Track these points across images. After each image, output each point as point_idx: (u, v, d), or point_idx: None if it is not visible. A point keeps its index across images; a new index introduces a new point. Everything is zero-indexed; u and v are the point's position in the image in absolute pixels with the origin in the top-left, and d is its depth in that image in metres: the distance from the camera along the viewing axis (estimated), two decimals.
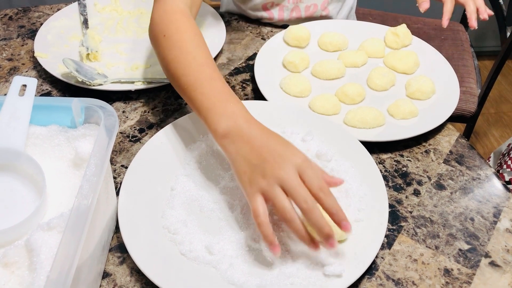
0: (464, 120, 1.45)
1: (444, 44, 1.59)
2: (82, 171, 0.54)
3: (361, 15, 1.69)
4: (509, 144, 1.17)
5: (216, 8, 1.01)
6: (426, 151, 0.74)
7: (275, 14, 1.00)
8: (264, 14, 1.00)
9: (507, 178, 1.11)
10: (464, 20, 1.74)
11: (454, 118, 1.43)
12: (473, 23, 0.80)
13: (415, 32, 1.58)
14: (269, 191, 0.53)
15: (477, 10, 0.80)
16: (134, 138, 0.75)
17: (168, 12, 0.70)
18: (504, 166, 1.11)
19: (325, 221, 0.52)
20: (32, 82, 0.56)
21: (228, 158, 0.59)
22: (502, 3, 1.46)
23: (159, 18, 0.70)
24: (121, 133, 0.76)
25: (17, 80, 0.56)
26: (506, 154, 1.14)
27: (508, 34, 1.35)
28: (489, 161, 1.27)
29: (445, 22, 0.80)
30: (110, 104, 0.81)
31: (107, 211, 0.58)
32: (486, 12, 0.81)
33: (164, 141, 0.69)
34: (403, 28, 0.90)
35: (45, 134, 0.56)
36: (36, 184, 0.53)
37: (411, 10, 1.88)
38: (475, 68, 1.57)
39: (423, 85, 0.80)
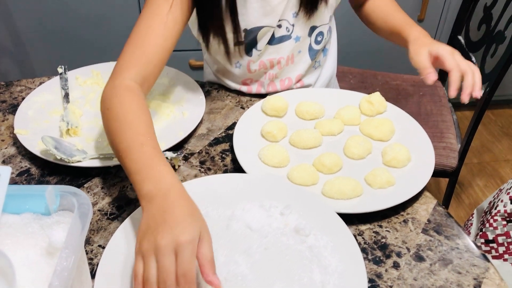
0: (446, 175, 1.47)
1: (423, 100, 1.63)
2: (56, 260, 0.53)
3: (341, 74, 1.74)
4: (490, 202, 1.18)
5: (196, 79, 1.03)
6: (404, 221, 0.75)
7: (253, 88, 1.03)
8: (243, 87, 1.03)
9: (490, 237, 1.12)
10: (441, 76, 1.79)
11: (436, 173, 1.44)
12: (465, 97, 0.79)
13: (394, 88, 1.62)
14: (146, 256, 0.55)
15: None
16: (112, 216, 0.74)
17: (116, 87, 0.75)
18: (487, 225, 1.12)
19: None
20: (5, 171, 0.56)
21: (142, 216, 0.61)
22: (475, 61, 1.51)
23: (107, 93, 0.75)
24: (99, 210, 0.75)
25: None
26: (488, 212, 1.15)
27: (483, 91, 1.39)
28: (472, 218, 1.28)
29: (452, 91, 0.78)
30: (89, 180, 0.81)
31: None
32: (481, 91, 0.80)
33: (135, 223, 0.69)
34: (377, 96, 0.93)
35: (18, 223, 0.56)
36: (6, 277, 0.52)
37: (390, 67, 1.94)
38: (454, 123, 1.60)
39: (398, 153, 0.82)
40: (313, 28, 0.97)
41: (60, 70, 1.01)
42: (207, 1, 0.85)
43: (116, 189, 0.79)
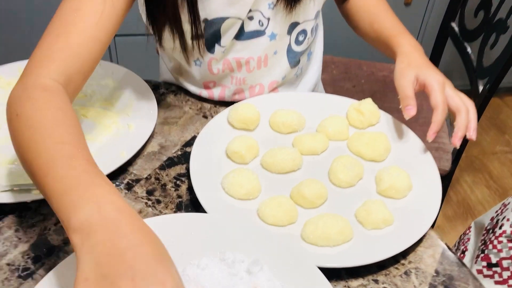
0: None
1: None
2: None
3: (323, 63, 1.57)
4: (493, 218, 1.04)
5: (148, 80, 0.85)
6: (406, 273, 0.58)
7: (216, 93, 0.84)
8: (203, 91, 0.84)
9: (493, 260, 0.97)
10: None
11: None
12: (456, 141, 0.68)
13: (380, 80, 1.47)
14: None
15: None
16: (25, 272, 0.56)
17: (29, 88, 0.56)
18: (490, 246, 0.98)
19: None
20: None
21: (76, 257, 0.42)
22: (470, 52, 1.35)
23: (16, 96, 0.56)
24: (8, 265, 0.57)
25: None
26: (491, 230, 1.01)
27: (481, 88, 1.24)
28: (469, 232, 1.13)
29: (430, 135, 0.68)
30: (1, 218, 0.62)
31: None
32: (475, 132, 0.69)
33: (59, 282, 0.51)
34: (368, 105, 0.76)
35: None
36: None
37: (377, 55, 1.78)
38: (446, 120, 1.46)
39: (397, 180, 0.65)
40: (294, 25, 0.78)
41: None
42: None
43: (35, 232, 0.61)
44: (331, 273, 0.56)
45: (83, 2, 0.62)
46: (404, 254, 0.60)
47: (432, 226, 0.62)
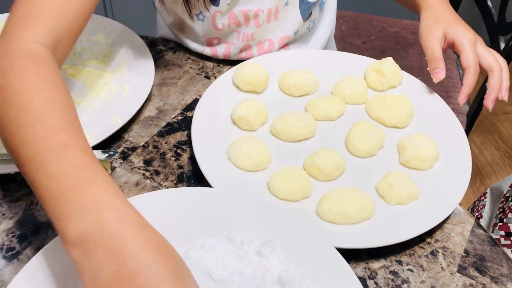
0: None
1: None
2: None
3: None
4: None
5: (144, 36, 0.76)
6: (432, 253, 0.53)
7: (220, 50, 0.76)
8: (206, 49, 0.76)
9: None
10: None
11: None
12: (489, 104, 0.63)
13: (392, 36, 1.38)
14: None
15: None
16: (9, 253, 0.51)
17: (11, 54, 0.47)
18: (510, 215, 0.92)
19: None
20: None
21: (78, 275, 0.37)
22: (491, 6, 1.26)
23: None
24: None
25: None
26: (510, 198, 0.95)
27: (502, 46, 1.15)
28: (485, 198, 1.08)
29: (462, 98, 0.63)
30: None
31: None
32: (507, 93, 0.64)
33: (48, 264, 0.45)
34: (389, 64, 0.68)
35: None
36: None
37: (387, 10, 1.68)
38: (460, 79, 1.38)
39: (422, 149, 0.58)
40: None
41: None
42: None
43: (20, 208, 0.55)
44: (350, 254, 0.50)
45: None
46: (430, 232, 0.54)
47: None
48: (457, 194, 0.55)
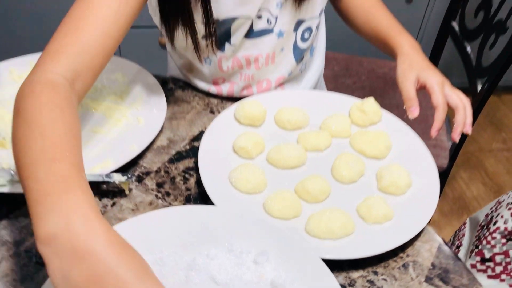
0: None
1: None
2: None
3: (325, 60, 1.59)
4: (487, 215, 1.07)
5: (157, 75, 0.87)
6: (404, 265, 0.62)
7: (224, 89, 0.86)
8: (212, 87, 0.86)
9: (487, 255, 1.01)
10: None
11: None
12: (456, 137, 0.72)
13: (381, 77, 1.49)
14: None
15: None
16: (42, 259, 0.59)
17: (34, 82, 0.56)
18: (484, 242, 1.01)
19: None
20: None
21: (48, 273, 0.41)
22: (470, 52, 1.38)
23: (21, 90, 0.56)
24: (26, 251, 0.60)
25: None
26: (485, 227, 1.04)
27: (479, 87, 1.26)
28: (464, 227, 1.17)
29: (434, 132, 0.72)
30: (17, 208, 0.65)
31: None
32: (471, 127, 0.73)
33: None
34: (370, 104, 0.79)
35: None
36: None
37: (377, 52, 1.80)
38: (447, 121, 1.48)
39: (397, 177, 0.68)
40: (300, 22, 0.81)
41: None
42: None
43: None
44: (334, 265, 0.59)
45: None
46: (403, 247, 0.63)
47: (429, 222, 0.65)
48: (425, 216, 0.64)
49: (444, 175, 1.38)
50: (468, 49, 1.37)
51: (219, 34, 0.77)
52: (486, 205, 1.11)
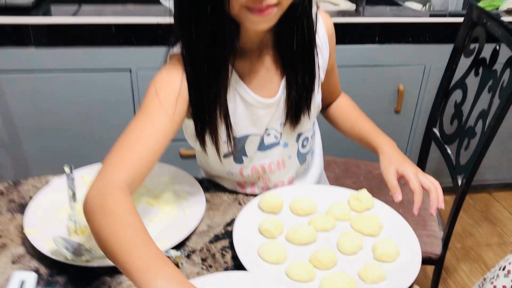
0: (431, 262, 1.51)
1: (405, 189, 1.68)
2: None
3: (326, 163, 1.79)
4: None
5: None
6: None
7: (248, 190, 1.10)
8: (238, 188, 1.10)
9: None
10: (420, 166, 1.88)
11: (422, 261, 1.47)
12: (433, 211, 0.92)
13: (377, 177, 1.68)
14: None
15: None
16: None
17: (107, 185, 0.74)
18: None
19: None
20: (31, 277, 0.60)
21: None
22: (450, 153, 1.61)
23: (97, 191, 0.74)
24: None
25: (17, 276, 0.60)
26: None
27: (460, 182, 1.48)
28: None
29: (415, 210, 0.92)
30: (97, 279, 0.84)
31: None
32: (443, 203, 0.94)
33: None
34: (364, 194, 1.01)
35: None
36: None
37: (372, 156, 2.02)
38: (437, 214, 1.66)
39: (388, 249, 0.88)
40: (299, 135, 1.06)
41: (66, 169, 1.07)
42: (204, 111, 0.90)
43: None
44: None
45: (147, 127, 0.82)
46: None
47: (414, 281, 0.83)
48: (411, 276, 0.83)
49: (439, 262, 1.53)
50: (449, 151, 1.59)
51: (237, 150, 0.99)
52: (474, 285, 1.26)
